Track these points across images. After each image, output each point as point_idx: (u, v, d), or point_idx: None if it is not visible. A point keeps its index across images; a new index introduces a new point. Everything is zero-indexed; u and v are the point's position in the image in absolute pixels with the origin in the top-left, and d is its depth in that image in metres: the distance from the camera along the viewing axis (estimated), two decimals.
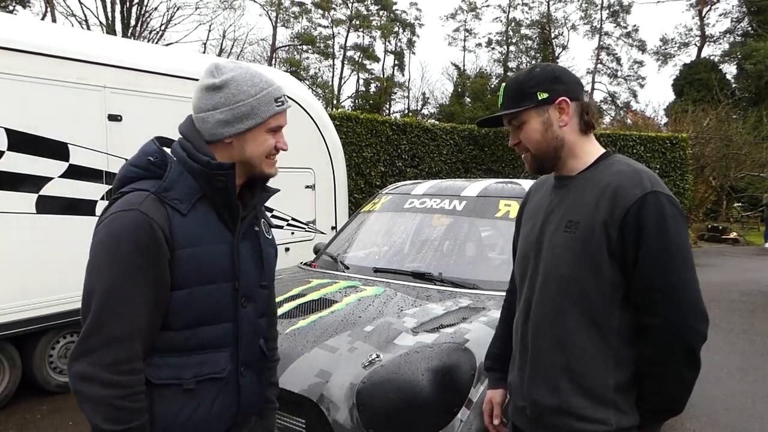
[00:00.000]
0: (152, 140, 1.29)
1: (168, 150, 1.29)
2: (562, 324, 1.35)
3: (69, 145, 3.91)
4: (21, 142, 3.70)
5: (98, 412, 1.12)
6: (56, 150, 3.85)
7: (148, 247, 1.15)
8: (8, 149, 3.65)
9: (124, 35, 21.27)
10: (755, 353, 5.23)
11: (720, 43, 30.99)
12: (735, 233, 15.86)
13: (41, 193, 3.79)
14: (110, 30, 21.65)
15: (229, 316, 1.28)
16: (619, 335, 1.32)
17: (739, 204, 20.52)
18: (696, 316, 1.27)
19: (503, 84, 1.47)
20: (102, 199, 4.09)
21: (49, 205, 3.82)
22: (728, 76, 28.15)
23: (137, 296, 1.14)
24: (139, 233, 1.15)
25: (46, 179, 3.81)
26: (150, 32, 23.82)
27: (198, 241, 1.22)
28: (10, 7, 21.18)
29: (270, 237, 1.45)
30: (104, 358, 1.11)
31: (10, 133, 3.65)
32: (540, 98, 1.38)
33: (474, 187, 3.29)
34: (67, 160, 3.89)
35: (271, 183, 1.42)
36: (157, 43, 22.63)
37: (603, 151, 1.44)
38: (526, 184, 3.19)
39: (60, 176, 3.87)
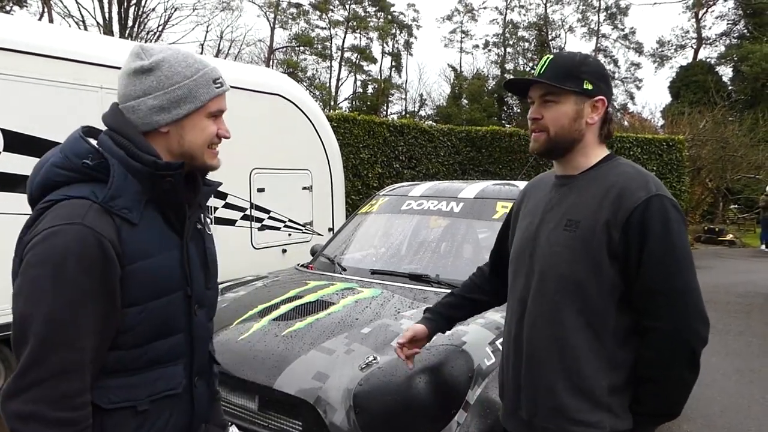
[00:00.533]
0: (80, 135, 1.12)
1: (94, 143, 1.12)
2: (560, 323, 1.34)
3: None
4: (17, 142, 3.68)
5: None
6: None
7: (96, 266, 1.01)
8: (4, 150, 3.64)
9: (122, 36, 21.24)
10: (751, 355, 5.24)
11: (716, 46, 31.11)
12: (731, 235, 15.89)
13: None
14: (107, 31, 21.62)
15: (181, 326, 1.18)
16: (615, 337, 1.32)
17: (736, 206, 20.56)
18: (698, 319, 1.28)
19: (550, 55, 1.43)
20: None
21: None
22: (724, 79, 28.22)
23: (85, 321, 1.00)
24: (85, 252, 1.00)
25: None
26: (147, 33, 23.79)
27: (150, 252, 1.10)
28: (7, 8, 21.13)
29: (210, 233, 1.32)
30: (50, 394, 0.97)
31: (5, 133, 3.63)
32: (585, 87, 1.36)
33: (471, 188, 3.29)
34: None
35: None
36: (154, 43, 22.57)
37: (607, 153, 1.44)
38: (524, 185, 3.19)
39: None
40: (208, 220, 1.35)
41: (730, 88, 26.85)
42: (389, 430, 1.85)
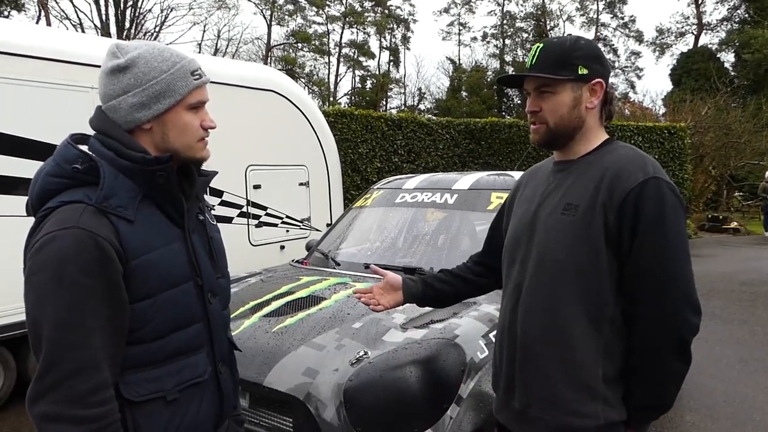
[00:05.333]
0: (68, 143, 1.14)
1: (85, 148, 1.15)
2: (556, 311, 1.31)
3: None
4: (10, 145, 3.67)
5: None
6: (46, 152, 3.81)
7: (95, 266, 1.03)
8: None
9: (119, 38, 21.23)
10: (756, 344, 5.18)
11: (717, 31, 30.84)
12: (735, 223, 15.78)
13: None
14: (105, 33, 21.63)
15: (198, 316, 1.21)
16: (611, 325, 1.29)
17: (740, 193, 20.42)
18: (688, 307, 1.24)
19: (540, 44, 1.37)
20: None
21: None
22: (726, 65, 28.02)
23: (92, 321, 1.03)
24: (82, 253, 1.02)
25: None
26: (144, 34, 23.78)
27: (151, 246, 1.12)
28: (5, 12, 21.14)
29: (213, 223, 1.34)
30: (69, 394, 1.00)
31: None
32: (580, 73, 1.32)
33: (466, 180, 3.26)
34: None
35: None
36: None
37: (607, 137, 1.40)
38: (519, 176, 3.15)
39: None
40: (211, 211, 1.38)
41: (732, 73, 26.64)
42: (380, 425, 1.82)
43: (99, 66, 3.91)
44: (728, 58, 28.64)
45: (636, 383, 1.29)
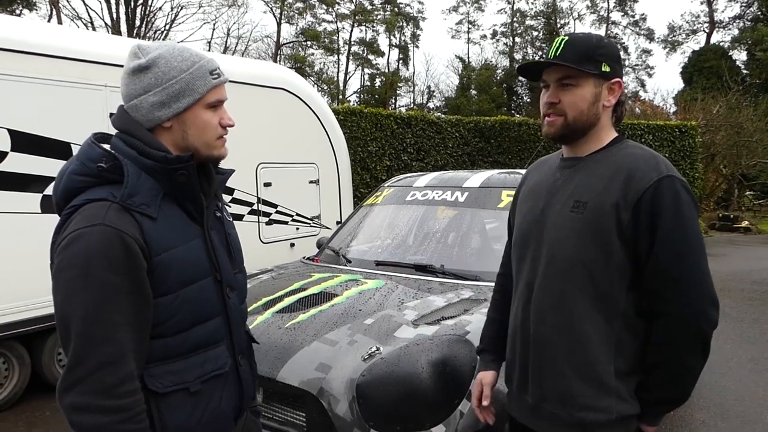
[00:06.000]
0: (92, 142, 1.17)
1: (107, 146, 1.18)
2: (567, 308, 1.32)
3: (72, 145, 3.91)
4: (24, 142, 3.72)
5: None
6: (59, 150, 3.86)
7: (121, 263, 1.06)
8: (12, 150, 3.67)
9: (130, 36, 21.38)
10: (767, 343, 5.16)
11: (729, 29, 30.57)
12: (747, 222, 15.64)
13: (45, 192, 3.81)
14: (115, 31, 21.77)
15: (217, 310, 1.24)
16: (623, 321, 1.30)
17: (751, 192, 20.22)
18: (709, 303, 1.26)
19: (564, 36, 1.38)
20: None
21: (53, 205, 3.83)
22: (738, 63, 27.74)
23: (119, 316, 1.06)
24: (109, 250, 1.05)
25: (50, 179, 3.82)
26: (155, 32, 23.93)
27: (173, 243, 1.15)
28: (17, 11, 21.34)
29: (230, 219, 1.38)
30: (98, 385, 1.04)
31: (13, 133, 3.66)
32: (603, 70, 1.33)
33: (476, 178, 3.27)
34: None
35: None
36: None
37: (616, 135, 1.41)
38: None
39: None
40: (227, 207, 1.41)
41: (744, 72, 26.38)
42: (392, 420, 1.84)
43: (112, 64, 3.93)
44: (740, 56, 28.40)
45: (655, 379, 1.29)
